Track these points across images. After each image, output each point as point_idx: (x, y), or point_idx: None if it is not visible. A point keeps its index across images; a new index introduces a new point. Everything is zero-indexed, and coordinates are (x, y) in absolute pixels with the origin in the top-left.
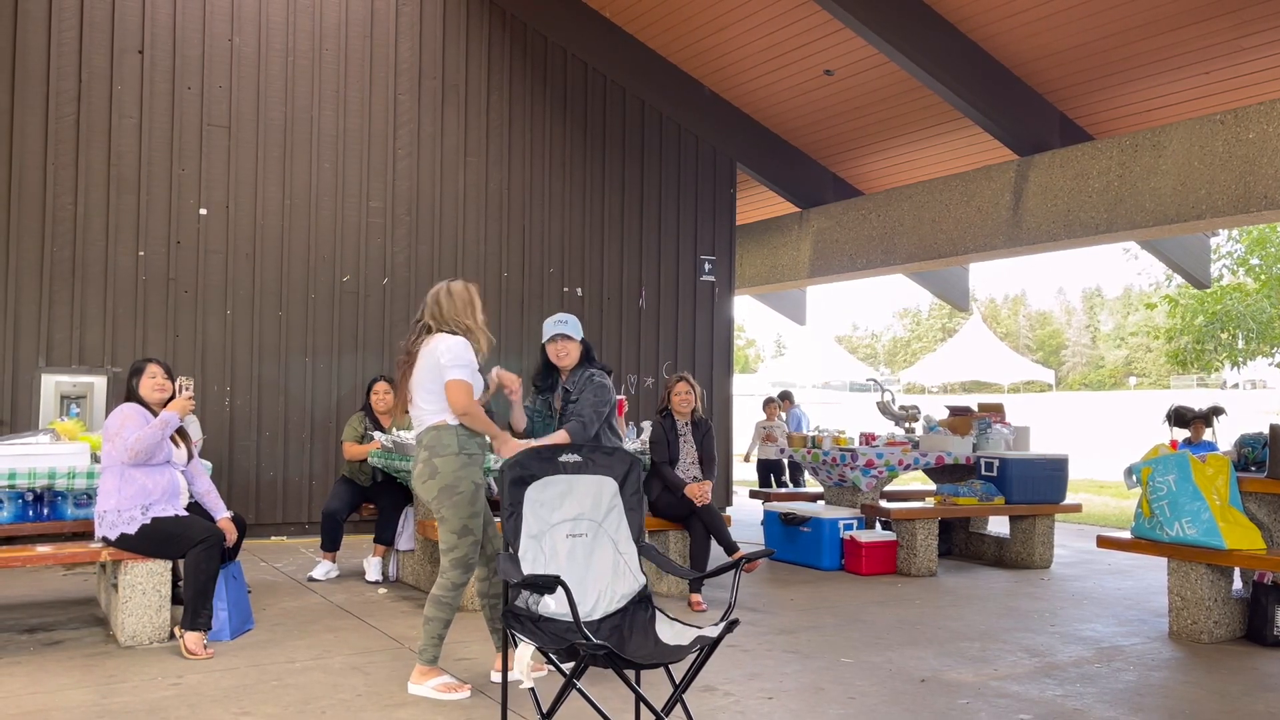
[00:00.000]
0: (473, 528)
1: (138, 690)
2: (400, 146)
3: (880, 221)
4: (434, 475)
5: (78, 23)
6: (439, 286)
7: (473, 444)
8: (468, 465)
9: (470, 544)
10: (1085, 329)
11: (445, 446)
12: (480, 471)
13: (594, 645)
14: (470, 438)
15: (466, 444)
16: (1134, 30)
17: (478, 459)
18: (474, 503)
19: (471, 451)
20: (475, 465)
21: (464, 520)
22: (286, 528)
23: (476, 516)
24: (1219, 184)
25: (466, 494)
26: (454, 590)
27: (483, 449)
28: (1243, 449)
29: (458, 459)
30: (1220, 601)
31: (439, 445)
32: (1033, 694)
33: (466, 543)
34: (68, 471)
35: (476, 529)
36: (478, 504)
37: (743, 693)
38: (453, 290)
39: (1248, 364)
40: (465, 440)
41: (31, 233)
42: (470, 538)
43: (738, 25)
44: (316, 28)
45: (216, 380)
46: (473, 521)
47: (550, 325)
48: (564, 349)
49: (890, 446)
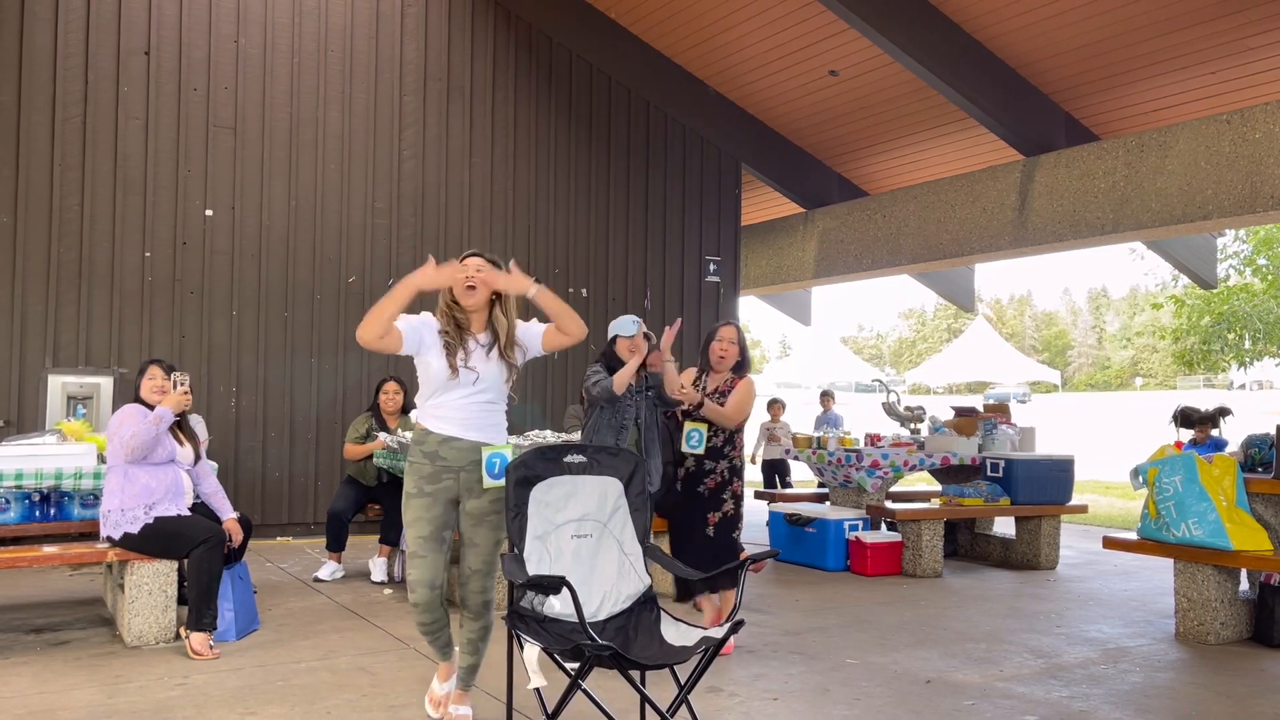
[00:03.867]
0: (407, 536)
1: (144, 690)
2: (406, 148)
3: (885, 222)
4: None
5: (84, 24)
6: None
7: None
8: (409, 471)
9: (408, 557)
10: (1091, 329)
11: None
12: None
13: (599, 646)
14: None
15: (411, 448)
16: (1140, 30)
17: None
18: (406, 510)
19: (412, 456)
20: (413, 471)
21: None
22: (292, 528)
23: (410, 525)
24: (1225, 184)
25: (404, 499)
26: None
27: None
28: (1249, 450)
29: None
30: (1227, 603)
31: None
32: (1038, 695)
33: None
34: (74, 472)
35: (410, 540)
36: (408, 512)
37: (748, 694)
38: None
39: (1254, 364)
40: (412, 443)
41: (38, 234)
42: (415, 559)
43: (743, 26)
44: (322, 29)
45: (222, 381)
46: (408, 530)
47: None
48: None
49: (896, 447)
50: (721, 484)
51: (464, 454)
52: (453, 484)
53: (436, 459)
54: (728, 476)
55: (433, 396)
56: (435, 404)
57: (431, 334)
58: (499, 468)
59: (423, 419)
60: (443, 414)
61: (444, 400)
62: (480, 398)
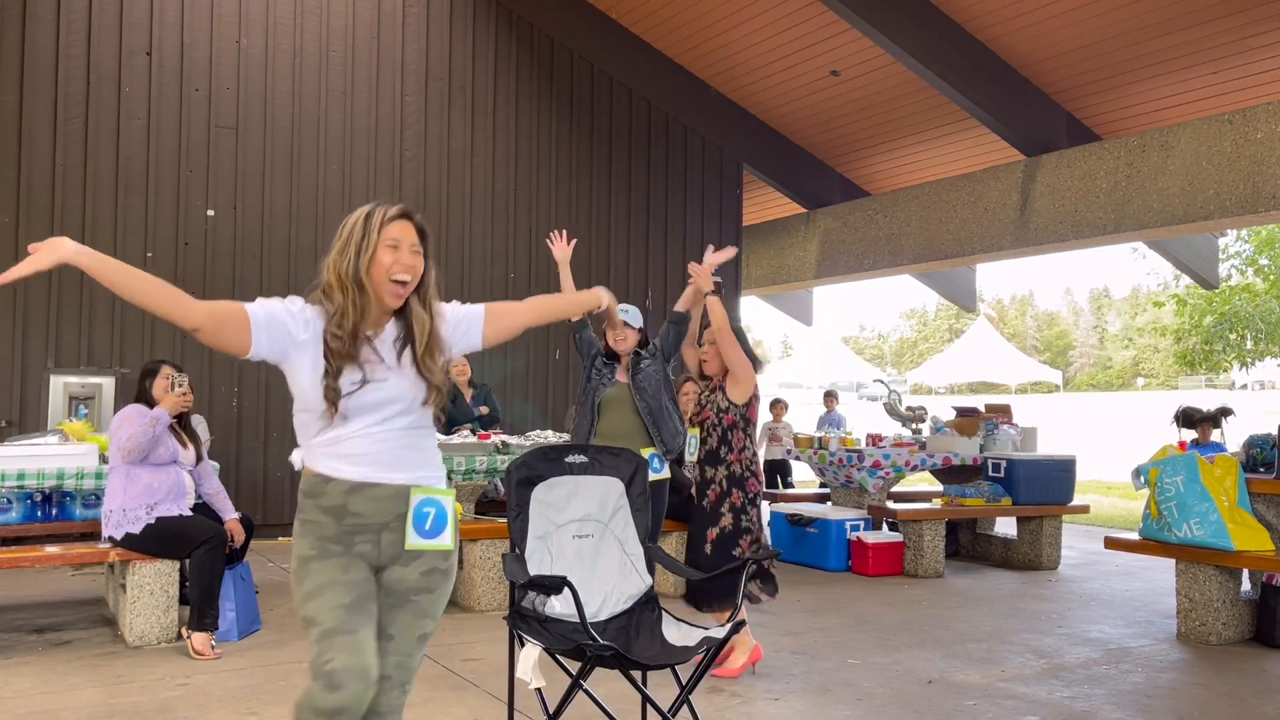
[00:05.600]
0: (308, 614)
1: (146, 690)
2: (407, 148)
3: (887, 222)
4: None
5: (86, 25)
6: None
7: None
8: (297, 533)
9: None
10: (1093, 329)
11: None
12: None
13: (600, 646)
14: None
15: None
16: (1141, 30)
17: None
18: (299, 580)
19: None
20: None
21: (299, 605)
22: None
23: (311, 597)
24: (1227, 184)
25: (293, 570)
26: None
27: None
28: (1251, 450)
29: (295, 524)
30: (1229, 603)
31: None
32: (1040, 695)
33: (313, 639)
34: (76, 472)
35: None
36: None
37: (750, 694)
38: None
39: (1256, 364)
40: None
41: (40, 234)
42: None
43: (744, 26)
44: (324, 30)
45: (224, 381)
46: (309, 605)
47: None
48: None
49: (897, 448)
50: (720, 495)
51: (386, 505)
52: (371, 549)
53: (345, 515)
54: (726, 487)
55: (325, 429)
56: (331, 437)
57: (305, 331)
58: (434, 521)
59: (311, 461)
60: (346, 449)
61: (343, 432)
62: (398, 422)
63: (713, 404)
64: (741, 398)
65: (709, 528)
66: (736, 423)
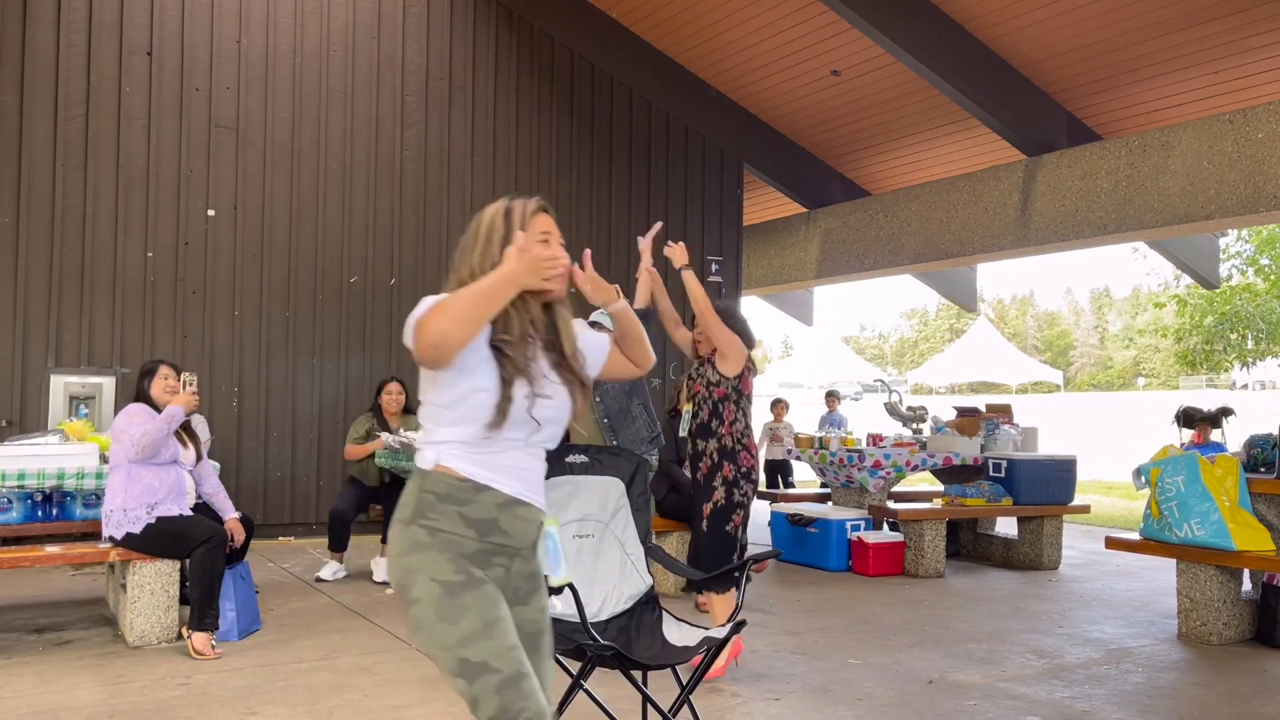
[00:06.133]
0: (476, 659)
1: (146, 690)
2: (408, 148)
3: (887, 222)
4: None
5: (86, 24)
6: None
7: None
8: (424, 545)
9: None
10: (1093, 329)
11: (401, 506)
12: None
13: (601, 646)
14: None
15: (435, 505)
16: (1142, 30)
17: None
18: (449, 615)
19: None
20: (439, 544)
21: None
22: (294, 528)
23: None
24: (1228, 184)
25: (427, 601)
26: None
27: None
28: (1252, 450)
29: (405, 532)
30: (1229, 603)
31: (401, 501)
32: (1040, 695)
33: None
34: (76, 472)
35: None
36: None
37: (750, 694)
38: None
39: (1257, 364)
40: (432, 498)
41: (40, 234)
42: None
43: (744, 26)
44: (324, 29)
45: (224, 381)
46: (470, 649)
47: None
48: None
49: (898, 448)
50: (712, 469)
51: (530, 530)
52: (501, 576)
53: (493, 531)
54: (717, 459)
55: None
56: (484, 446)
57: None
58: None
59: (452, 461)
60: (498, 460)
61: (498, 441)
62: (547, 439)
63: (703, 377)
64: (732, 371)
65: (703, 502)
66: (728, 395)
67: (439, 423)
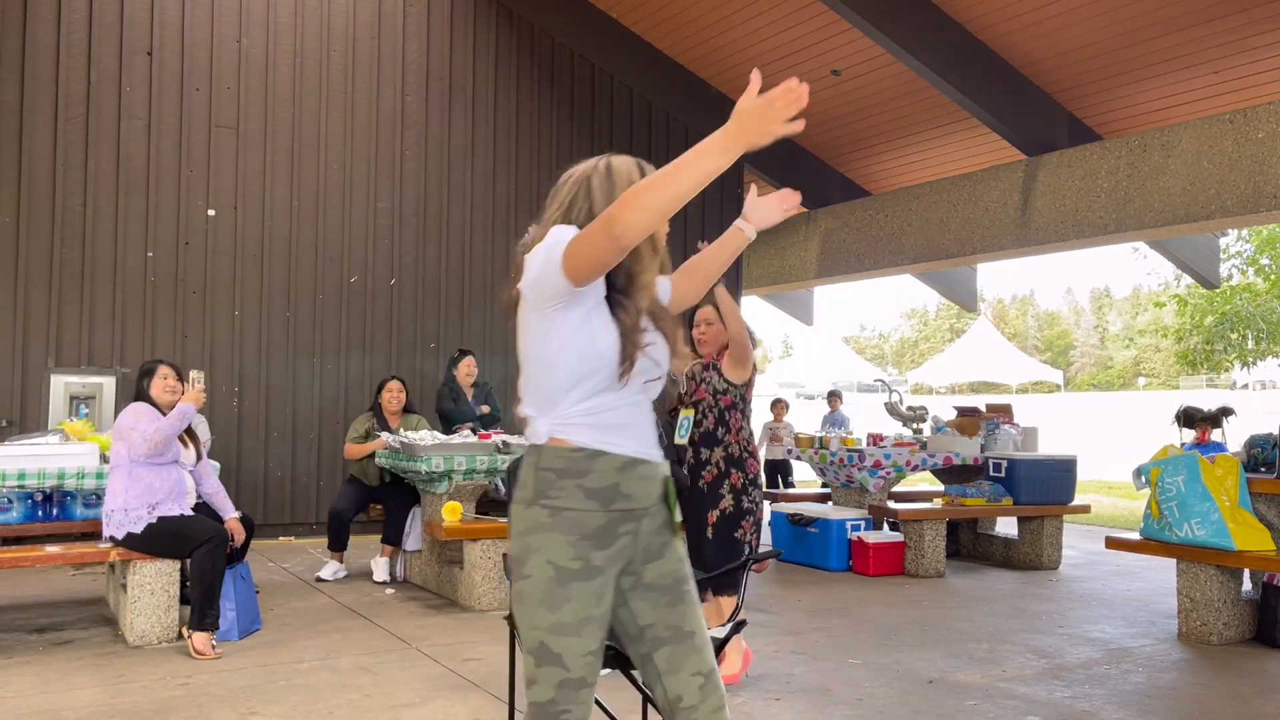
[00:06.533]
0: (555, 649)
1: (146, 690)
2: (408, 148)
3: (888, 222)
4: (511, 535)
5: (86, 24)
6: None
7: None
8: (545, 526)
9: (553, 681)
10: (1094, 329)
11: (520, 485)
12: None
13: None
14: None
15: (554, 482)
16: (1143, 30)
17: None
18: (552, 602)
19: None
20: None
21: (535, 630)
22: (294, 528)
23: (565, 632)
24: (1228, 184)
25: (538, 580)
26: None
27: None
28: (1252, 449)
29: (527, 512)
30: (1230, 603)
31: (516, 481)
32: (1041, 695)
33: (546, 676)
34: (77, 472)
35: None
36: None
37: (750, 694)
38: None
39: (1257, 364)
40: (551, 475)
41: (40, 234)
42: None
43: (745, 25)
44: (324, 29)
45: (225, 381)
46: (557, 640)
47: None
48: None
49: (898, 447)
50: (718, 477)
51: (652, 487)
52: (629, 542)
53: (615, 498)
54: (724, 468)
55: (590, 394)
56: (594, 404)
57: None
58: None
59: (565, 432)
60: (611, 420)
61: (608, 399)
62: (653, 391)
63: (708, 383)
64: (741, 378)
65: (709, 510)
66: (735, 403)
67: (549, 394)
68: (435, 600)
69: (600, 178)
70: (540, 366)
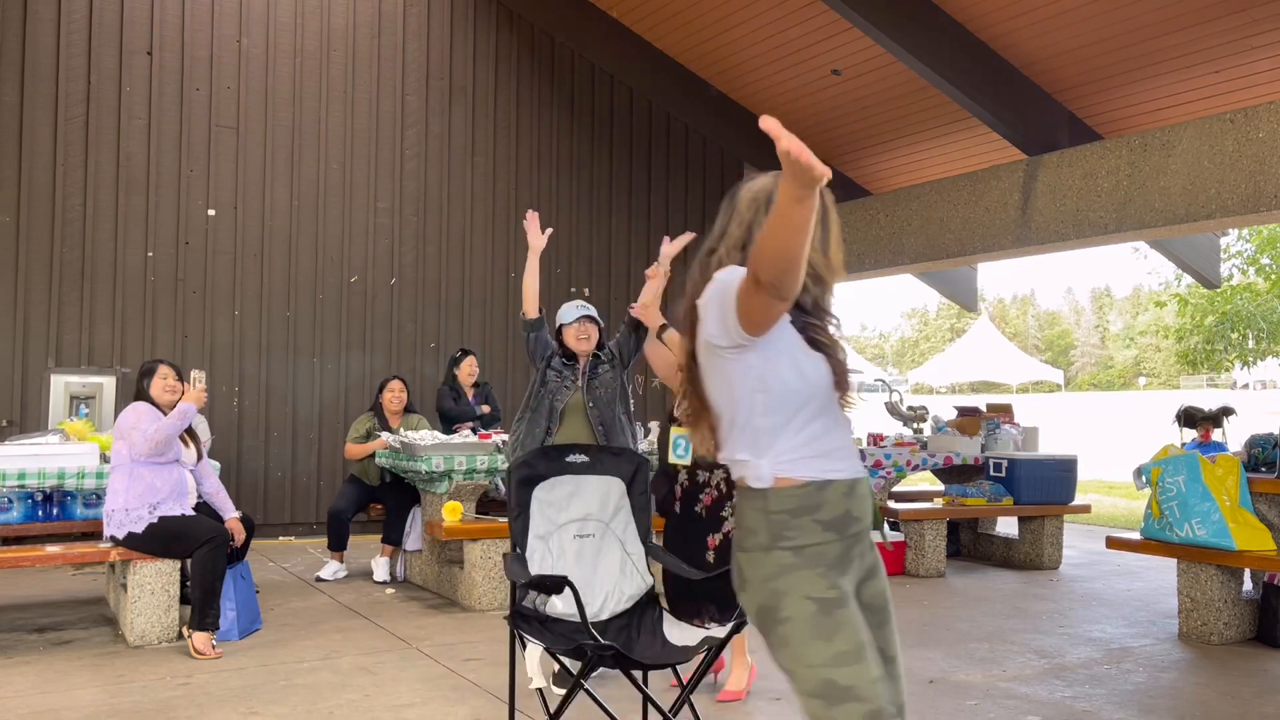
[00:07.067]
0: (844, 682)
1: (146, 690)
2: (408, 147)
3: (888, 221)
4: (743, 586)
5: (86, 24)
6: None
7: (800, 521)
8: (792, 567)
9: (855, 715)
10: (1094, 329)
11: (747, 533)
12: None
13: (602, 646)
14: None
15: (788, 524)
16: (1143, 29)
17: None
18: (823, 633)
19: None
20: (806, 560)
21: (815, 668)
22: (294, 528)
23: (847, 661)
24: (1229, 183)
25: (800, 620)
26: None
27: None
28: (1253, 449)
29: (767, 559)
30: (1230, 603)
31: (741, 527)
32: (1041, 695)
33: (845, 713)
34: (77, 471)
35: (859, 683)
36: (838, 636)
37: (751, 694)
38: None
39: (1258, 364)
40: (784, 516)
41: (40, 233)
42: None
43: (745, 25)
44: (324, 29)
45: (225, 380)
46: (843, 671)
47: (572, 310)
48: (587, 331)
49: (898, 447)
50: (719, 499)
51: (869, 503)
52: (860, 563)
53: (849, 523)
54: (725, 490)
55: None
56: (811, 433)
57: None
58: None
59: (790, 470)
60: (828, 446)
61: (821, 425)
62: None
63: None
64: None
65: (709, 534)
66: None
67: (764, 432)
68: (435, 600)
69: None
70: (746, 408)
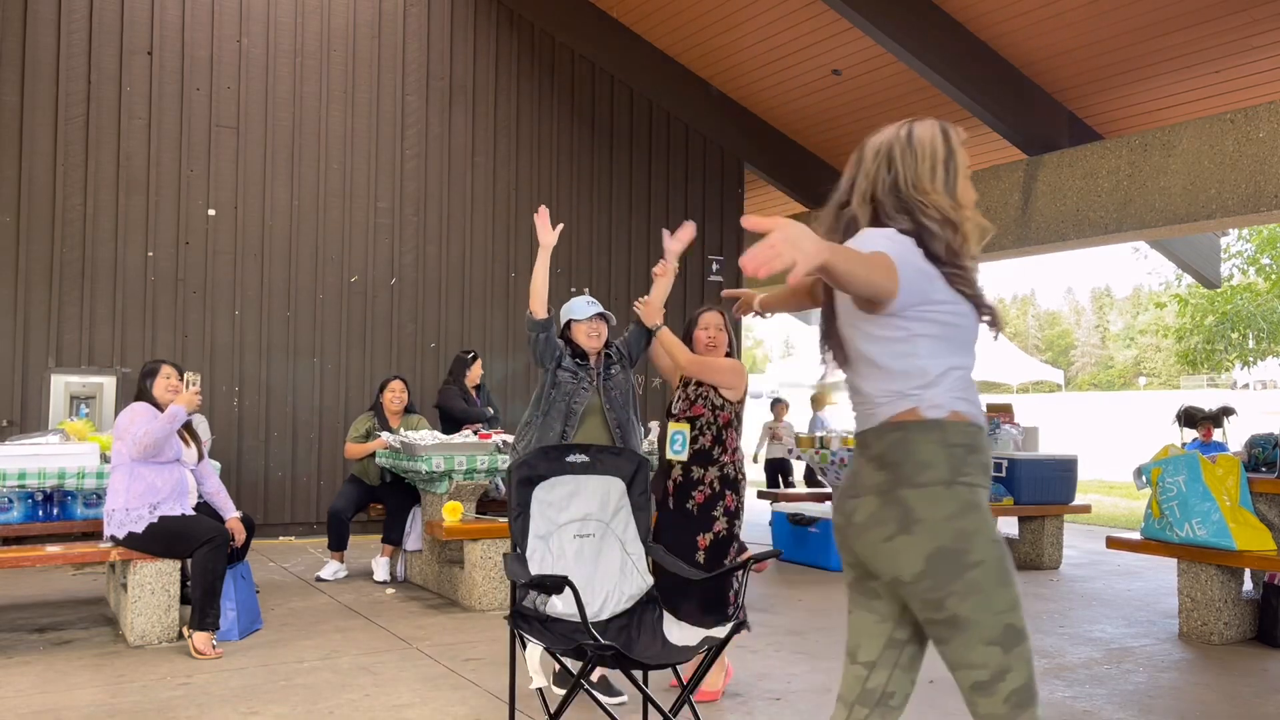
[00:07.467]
0: (1019, 625)
1: (147, 690)
2: (408, 147)
3: None
4: (908, 528)
5: (87, 24)
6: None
7: (974, 459)
8: (973, 505)
9: (1025, 657)
10: (1094, 329)
11: (921, 467)
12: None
13: (602, 646)
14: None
15: (965, 459)
16: (1143, 29)
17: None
18: (1005, 578)
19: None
20: (983, 502)
21: (1000, 614)
22: (295, 528)
23: (1020, 604)
24: (1229, 183)
25: (990, 563)
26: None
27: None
28: (1253, 449)
29: (949, 494)
30: (1230, 603)
31: (907, 463)
32: (1042, 695)
33: (1018, 656)
34: (77, 471)
35: (1025, 624)
36: (1013, 579)
37: (751, 693)
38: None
39: (1258, 364)
40: (961, 451)
41: (41, 233)
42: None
43: (745, 25)
44: (325, 29)
45: (225, 380)
46: (1018, 614)
47: (584, 305)
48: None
49: None
50: (712, 497)
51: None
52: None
53: (991, 471)
54: (719, 488)
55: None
56: (959, 376)
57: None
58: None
59: (959, 404)
60: (974, 392)
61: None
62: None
63: (705, 399)
64: (737, 395)
65: (700, 533)
66: (732, 421)
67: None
68: (435, 600)
69: (901, 147)
70: (897, 351)
